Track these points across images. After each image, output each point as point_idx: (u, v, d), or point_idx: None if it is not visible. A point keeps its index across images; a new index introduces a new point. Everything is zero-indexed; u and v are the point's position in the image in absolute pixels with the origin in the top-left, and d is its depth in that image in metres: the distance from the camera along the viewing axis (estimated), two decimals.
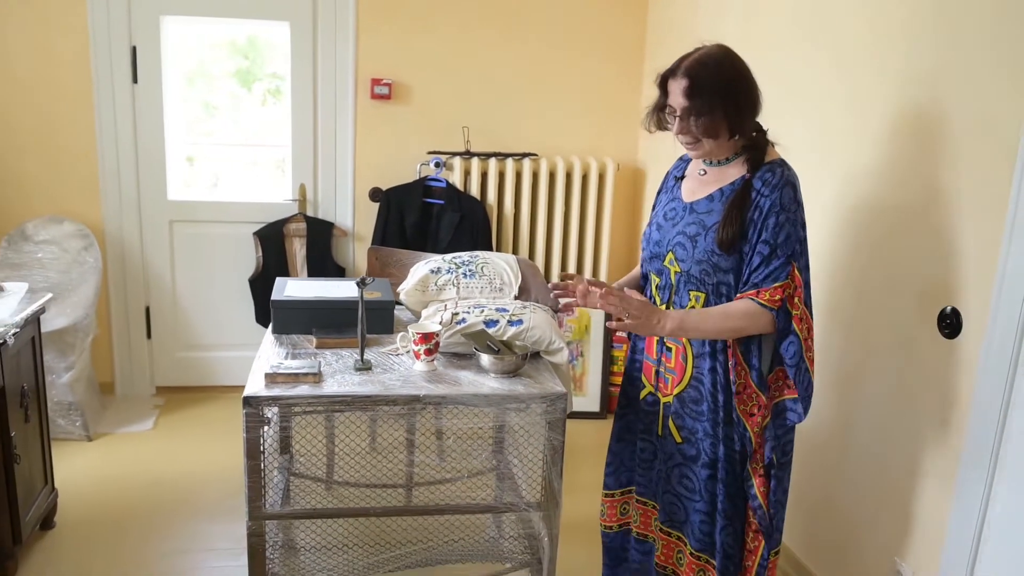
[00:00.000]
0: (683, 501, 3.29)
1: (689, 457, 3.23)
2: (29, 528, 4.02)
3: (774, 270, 2.92)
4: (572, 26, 6.19)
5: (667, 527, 3.37)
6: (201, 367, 6.36)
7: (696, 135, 2.98)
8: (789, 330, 2.96)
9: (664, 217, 3.21)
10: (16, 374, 3.90)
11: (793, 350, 2.98)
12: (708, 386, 3.13)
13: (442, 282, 3.75)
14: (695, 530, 3.26)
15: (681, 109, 2.95)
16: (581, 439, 5.74)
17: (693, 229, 3.07)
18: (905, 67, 3.44)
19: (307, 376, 3.14)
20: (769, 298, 2.93)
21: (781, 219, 2.90)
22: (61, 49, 5.67)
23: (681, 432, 3.23)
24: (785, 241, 2.91)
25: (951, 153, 3.17)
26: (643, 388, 3.39)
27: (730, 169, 3.06)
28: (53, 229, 5.73)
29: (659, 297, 3.23)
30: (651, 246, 3.24)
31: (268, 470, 3.18)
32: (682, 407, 3.22)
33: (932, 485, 3.28)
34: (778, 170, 2.95)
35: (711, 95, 2.90)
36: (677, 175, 3.29)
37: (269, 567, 3.28)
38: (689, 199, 3.14)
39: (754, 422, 3.07)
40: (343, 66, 6.00)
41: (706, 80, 2.90)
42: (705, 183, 3.12)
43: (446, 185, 5.97)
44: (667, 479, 3.31)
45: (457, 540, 3.65)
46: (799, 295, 2.95)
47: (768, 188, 2.92)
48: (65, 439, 5.36)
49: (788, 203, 2.91)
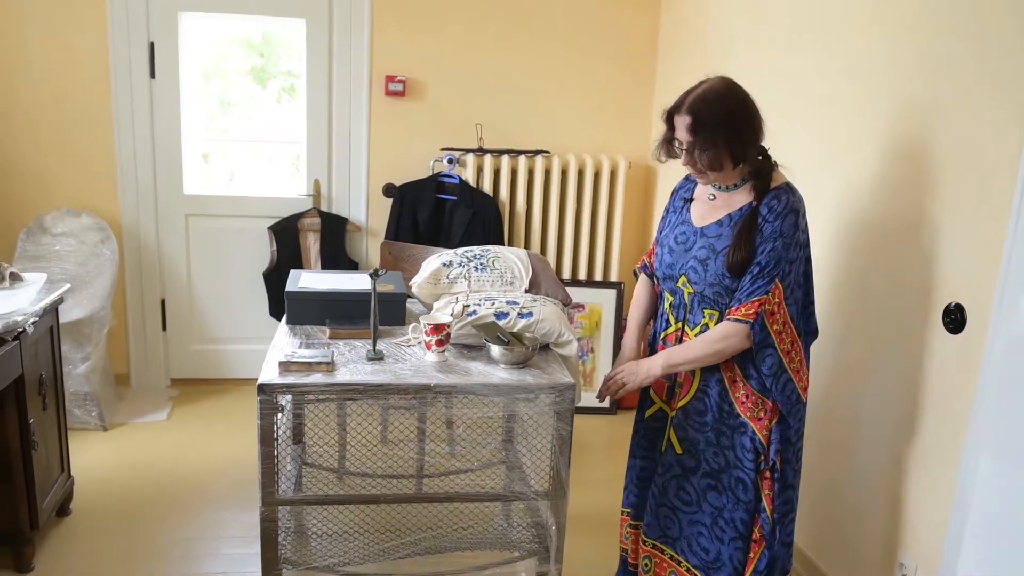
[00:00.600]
0: (677, 514, 3.36)
1: (688, 468, 3.31)
2: (46, 514, 4.07)
3: (757, 288, 3.04)
4: (585, 24, 6.23)
5: (660, 543, 3.44)
6: (215, 359, 6.42)
7: (702, 168, 3.09)
8: (767, 343, 3.06)
9: (675, 241, 3.31)
10: (35, 362, 3.95)
11: (771, 362, 3.08)
12: (714, 397, 3.22)
13: (454, 275, 3.79)
14: (692, 544, 3.33)
15: (686, 143, 3.07)
16: (590, 435, 5.78)
17: (703, 253, 3.17)
18: (911, 67, 3.47)
19: (320, 365, 3.18)
20: (745, 312, 3.04)
21: (777, 245, 3.02)
22: (80, 44, 5.73)
23: (682, 444, 3.31)
24: (775, 264, 3.02)
25: (956, 150, 3.20)
26: (652, 405, 3.48)
27: (738, 195, 3.16)
28: (71, 222, 5.80)
29: (673, 316, 3.34)
30: (664, 268, 3.34)
31: (281, 458, 3.23)
32: (685, 419, 3.30)
33: (935, 479, 3.30)
34: (783, 197, 3.07)
35: (713, 130, 3.01)
36: (686, 196, 3.38)
37: (281, 553, 3.33)
38: (699, 224, 3.24)
39: (762, 426, 3.15)
40: (358, 63, 6.05)
41: (708, 116, 3.01)
42: (714, 208, 3.22)
43: (459, 181, 6.01)
44: (663, 491, 3.39)
45: (466, 528, 3.68)
46: (780, 311, 3.05)
47: (773, 215, 3.04)
48: (81, 429, 5.42)
49: (788, 230, 3.03)
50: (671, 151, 3.20)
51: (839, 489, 3.95)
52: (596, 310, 6.17)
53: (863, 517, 3.76)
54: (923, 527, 3.37)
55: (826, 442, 4.04)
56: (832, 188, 3.97)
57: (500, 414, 3.48)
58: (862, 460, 3.78)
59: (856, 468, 3.82)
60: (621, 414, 6.17)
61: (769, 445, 3.16)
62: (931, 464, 3.33)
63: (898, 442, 3.53)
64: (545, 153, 6.20)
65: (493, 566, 3.71)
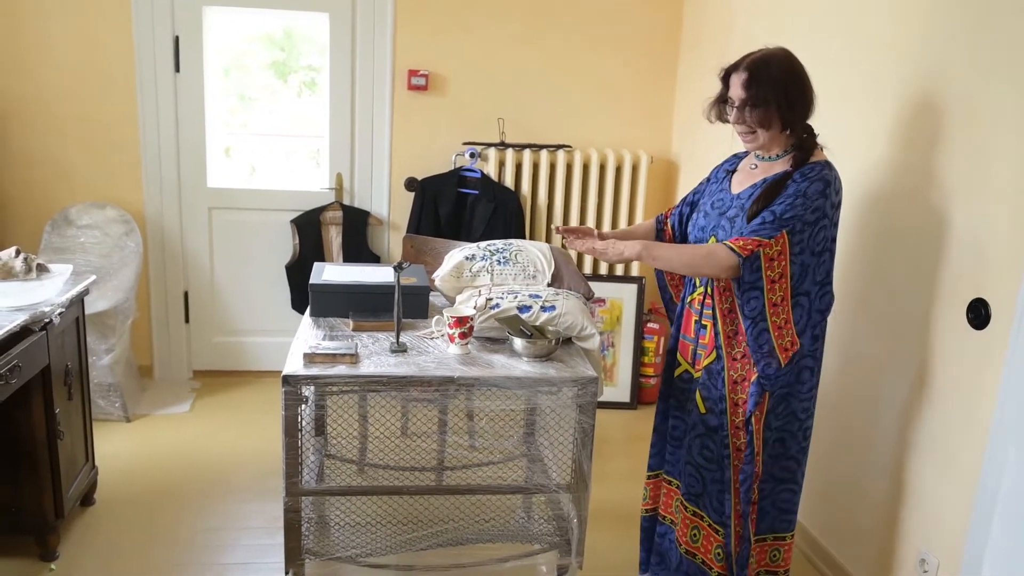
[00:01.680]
0: (702, 472, 3.42)
1: (711, 427, 3.37)
2: (70, 504, 4.11)
3: (761, 228, 3.10)
4: (607, 19, 6.22)
5: (687, 502, 3.49)
6: (238, 352, 6.45)
7: (751, 125, 3.18)
8: (755, 285, 3.11)
9: (711, 206, 3.40)
10: (61, 353, 3.98)
11: (754, 304, 3.13)
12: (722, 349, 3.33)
13: (476, 268, 3.80)
14: (712, 501, 3.40)
15: (739, 100, 3.17)
16: (611, 429, 5.78)
17: (733, 212, 3.26)
18: (936, 60, 3.45)
19: (344, 357, 3.20)
20: (741, 245, 3.09)
21: (796, 201, 3.07)
22: (105, 38, 5.77)
23: (706, 403, 3.38)
24: (788, 217, 3.08)
25: (980, 143, 3.18)
26: (678, 366, 3.56)
27: (777, 165, 3.25)
28: (95, 214, 5.84)
29: (698, 279, 3.42)
30: (696, 231, 3.43)
31: (304, 450, 3.25)
32: (709, 378, 3.37)
33: (957, 476, 3.29)
34: (818, 167, 3.14)
35: (767, 88, 3.12)
36: (729, 169, 3.48)
37: (304, 543, 3.35)
38: (736, 190, 3.34)
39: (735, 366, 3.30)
40: (381, 57, 6.06)
41: (764, 74, 3.13)
42: (753, 176, 3.31)
43: (481, 176, 6.02)
44: (688, 450, 3.46)
45: (487, 520, 3.69)
46: (780, 261, 3.08)
47: (802, 177, 3.11)
48: (105, 420, 5.46)
49: (813, 193, 3.08)
50: (722, 112, 3.32)
51: (859, 483, 3.94)
52: (617, 304, 6.17)
53: (885, 513, 3.75)
54: (946, 522, 3.36)
55: (846, 434, 4.05)
56: (854, 181, 3.94)
57: (522, 407, 3.49)
58: (882, 454, 3.77)
59: (876, 462, 3.81)
60: (642, 409, 6.17)
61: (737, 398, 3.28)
62: (953, 459, 3.32)
63: (919, 437, 3.52)
64: (567, 148, 6.21)
65: (514, 558, 3.74)
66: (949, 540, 3.33)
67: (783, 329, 3.16)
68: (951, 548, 3.32)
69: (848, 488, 4.04)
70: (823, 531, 4.24)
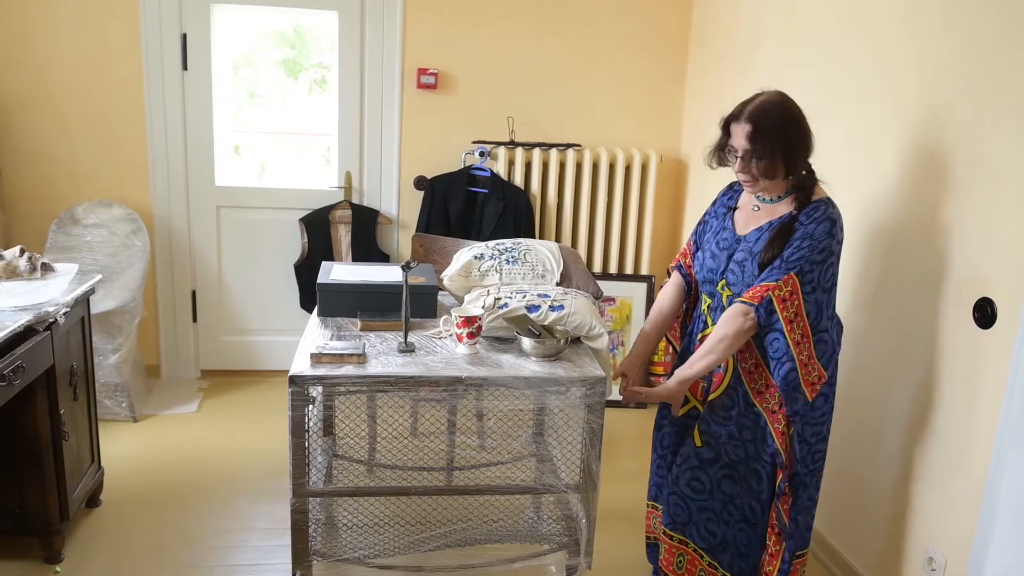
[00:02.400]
0: (687, 502, 3.44)
1: (706, 460, 3.38)
2: (76, 505, 4.08)
3: (768, 275, 3.13)
4: (617, 18, 6.19)
5: (670, 530, 3.50)
6: (246, 351, 6.43)
7: (756, 175, 3.18)
8: (774, 327, 3.12)
9: (718, 247, 3.40)
10: (66, 353, 3.95)
11: (777, 346, 3.14)
12: (743, 392, 3.31)
13: (485, 268, 3.78)
14: (701, 529, 3.42)
15: (743, 151, 3.17)
16: (620, 429, 5.75)
17: (742, 256, 3.27)
18: (944, 62, 3.43)
19: (352, 357, 3.18)
20: (751, 295, 3.12)
21: (803, 244, 3.11)
22: (112, 35, 5.75)
23: (703, 437, 3.38)
24: (795, 259, 3.11)
25: (988, 143, 3.16)
26: (686, 403, 3.54)
27: (780, 207, 3.27)
28: (102, 212, 5.81)
29: (711, 318, 3.42)
30: (705, 272, 3.42)
31: (312, 450, 3.23)
32: (710, 413, 3.37)
33: (964, 475, 3.28)
34: (822, 207, 3.18)
35: (772, 140, 3.12)
36: (730, 205, 3.48)
37: (311, 544, 3.33)
38: (742, 231, 3.35)
39: (775, 419, 3.24)
40: (390, 55, 6.04)
41: (767, 125, 3.12)
42: (757, 218, 3.32)
43: (490, 174, 5.99)
44: (675, 481, 3.46)
45: (496, 521, 3.68)
46: (793, 300, 3.10)
47: (808, 220, 3.14)
48: (111, 420, 5.43)
49: (819, 234, 3.12)
50: (723, 159, 3.31)
51: (867, 480, 3.92)
52: (626, 303, 6.14)
53: (893, 512, 3.73)
54: (954, 521, 3.34)
55: (853, 433, 4.03)
56: (862, 181, 3.94)
57: (531, 407, 3.48)
58: (889, 452, 3.75)
59: (883, 460, 3.80)
60: (651, 408, 6.12)
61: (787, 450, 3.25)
62: (961, 458, 3.30)
63: (926, 435, 3.51)
64: (576, 147, 6.18)
65: (523, 559, 3.72)
66: (957, 538, 3.32)
67: (808, 365, 3.17)
68: (959, 546, 3.30)
69: (856, 486, 4.02)
70: (831, 528, 4.21)
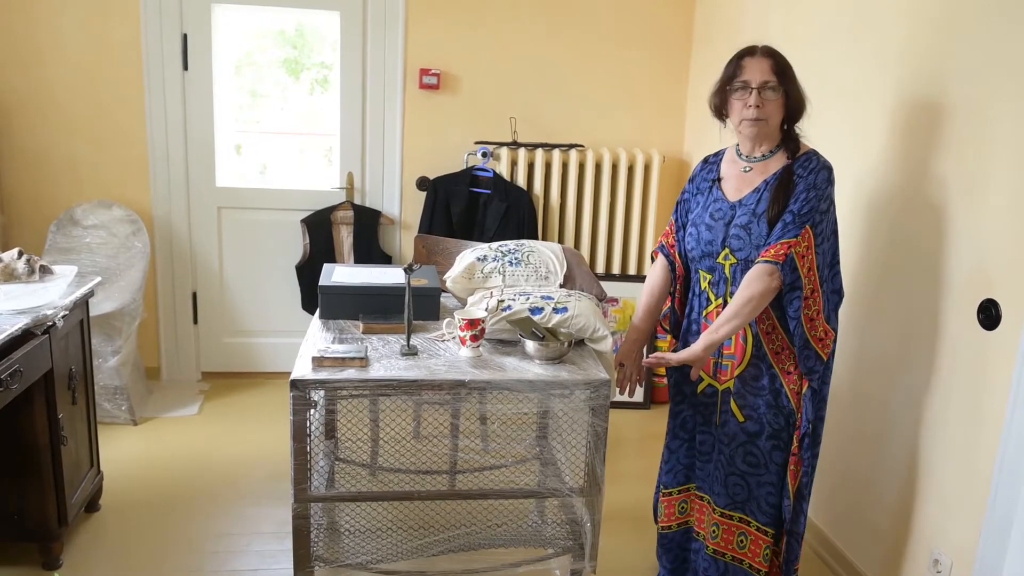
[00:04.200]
0: (747, 479, 3.38)
1: (753, 433, 3.34)
2: (75, 510, 4.04)
3: (784, 232, 3.10)
4: (619, 18, 6.17)
5: (731, 511, 3.44)
6: (247, 353, 6.40)
7: (772, 109, 3.18)
8: (795, 286, 3.10)
9: (712, 218, 3.34)
10: (64, 356, 3.92)
11: (797, 304, 3.13)
12: (769, 360, 3.28)
13: (488, 270, 3.75)
14: (762, 504, 3.38)
15: (760, 83, 3.15)
16: (625, 430, 5.72)
17: (745, 219, 3.22)
18: (949, 59, 3.41)
19: (354, 360, 3.14)
20: (774, 253, 3.09)
21: (810, 195, 3.11)
22: (113, 35, 5.72)
23: (744, 411, 3.34)
24: (807, 212, 3.10)
25: (992, 144, 3.15)
26: (700, 382, 3.49)
27: (772, 163, 3.26)
28: (102, 214, 5.78)
29: (713, 293, 3.37)
30: (703, 245, 3.35)
31: (314, 454, 3.20)
32: (743, 386, 3.33)
33: (969, 475, 3.26)
34: (814, 157, 3.22)
35: (789, 75, 3.19)
36: (711, 178, 3.44)
37: (313, 549, 3.30)
38: (736, 197, 3.30)
39: (791, 380, 3.25)
40: (392, 56, 6.01)
41: (784, 62, 3.20)
42: (750, 180, 3.29)
43: (493, 175, 5.97)
44: (730, 461, 3.40)
45: (500, 525, 3.65)
46: (809, 256, 3.09)
47: (805, 170, 3.17)
48: (111, 423, 5.40)
49: (821, 183, 3.14)
50: (725, 101, 3.30)
51: (871, 481, 3.91)
52: (630, 304, 6.11)
53: (898, 512, 3.72)
54: (960, 522, 3.33)
55: (859, 433, 4.02)
56: (865, 181, 3.94)
57: (534, 410, 3.44)
58: (895, 453, 3.74)
59: (889, 461, 3.79)
60: (655, 408, 6.11)
61: (800, 409, 3.26)
62: (966, 459, 3.29)
63: (931, 437, 3.50)
64: (579, 147, 6.15)
65: (527, 563, 3.69)
66: (962, 540, 3.31)
67: (815, 320, 3.16)
68: (965, 548, 3.29)
69: (861, 487, 4.01)
70: (835, 529, 4.21)
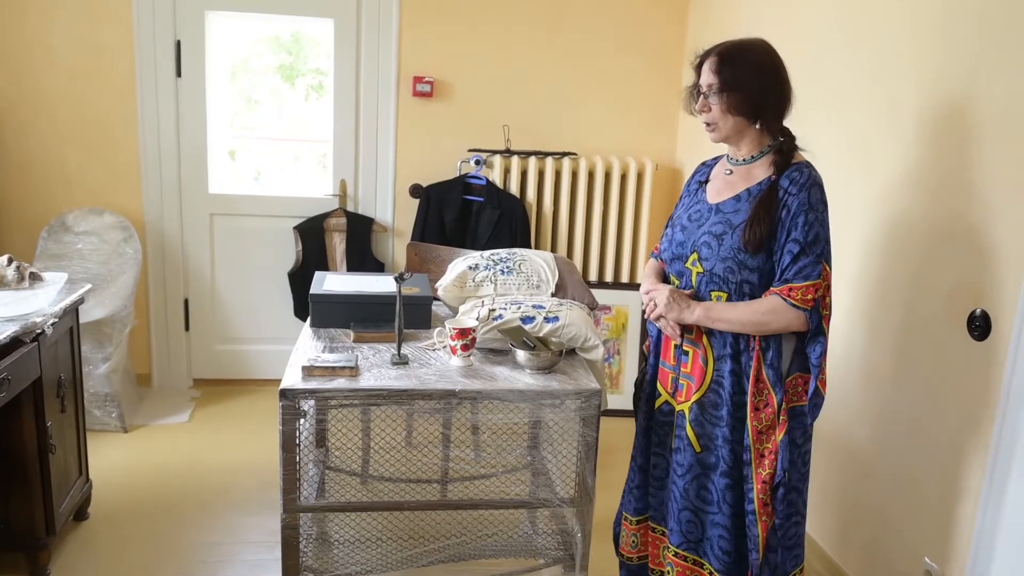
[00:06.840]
0: (700, 516, 3.18)
1: (708, 466, 3.14)
2: (63, 519, 4.03)
3: (805, 267, 2.89)
4: (613, 27, 6.18)
5: (683, 550, 3.23)
6: (239, 360, 6.38)
7: (717, 113, 3.00)
8: (820, 331, 2.93)
9: (688, 219, 3.18)
10: (53, 364, 3.91)
11: (819, 350, 2.94)
12: (728, 389, 3.05)
13: (480, 278, 3.74)
14: (714, 548, 3.15)
15: (706, 86, 3.00)
16: (616, 437, 5.69)
17: (719, 228, 3.04)
18: (940, 69, 3.42)
19: (344, 369, 3.12)
20: (801, 297, 2.88)
21: (811, 218, 2.88)
22: (106, 41, 5.72)
23: (701, 440, 3.14)
24: (815, 240, 2.89)
25: (984, 156, 3.15)
26: (658, 397, 3.33)
27: (756, 169, 3.06)
28: (93, 220, 5.77)
29: None
30: (674, 247, 3.19)
31: (303, 463, 3.18)
32: (702, 413, 3.13)
33: (961, 486, 3.27)
34: (805, 170, 2.95)
35: (737, 73, 2.95)
36: (701, 180, 3.28)
37: (303, 560, 3.27)
38: (715, 200, 3.13)
39: (758, 417, 2.99)
40: (386, 63, 6.01)
41: (735, 59, 2.96)
42: (731, 184, 3.10)
43: (486, 183, 5.96)
44: (684, 494, 3.18)
45: (491, 535, 3.63)
46: (829, 296, 2.93)
47: (796, 187, 2.91)
48: (101, 430, 5.38)
49: (816, 203, 2.90)
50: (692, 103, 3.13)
51: (865, 495, 3.91)
52: (622, 312, 6.10)
53: (890, 523, 3.72)
54: (951, 533, 3.33)
55: (850, 444, 4.01)
56: (858, 191, 3.95)
57: (526, 420, 3.43)
58: (886, 463, 3.74)
59: (881, 472, 3.79)
60: None
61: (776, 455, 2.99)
62: (957, 470, 3.29)
63: (922, 447, 3.50)
64: (572, 155, 6.15)
65: (518, 573, 3.69)
66: (953, 551, 3.31)
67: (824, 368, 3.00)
68: (956, 559, 3.29)
69: (852, 497, 4.01)
70: (827, 540, 4.21)
